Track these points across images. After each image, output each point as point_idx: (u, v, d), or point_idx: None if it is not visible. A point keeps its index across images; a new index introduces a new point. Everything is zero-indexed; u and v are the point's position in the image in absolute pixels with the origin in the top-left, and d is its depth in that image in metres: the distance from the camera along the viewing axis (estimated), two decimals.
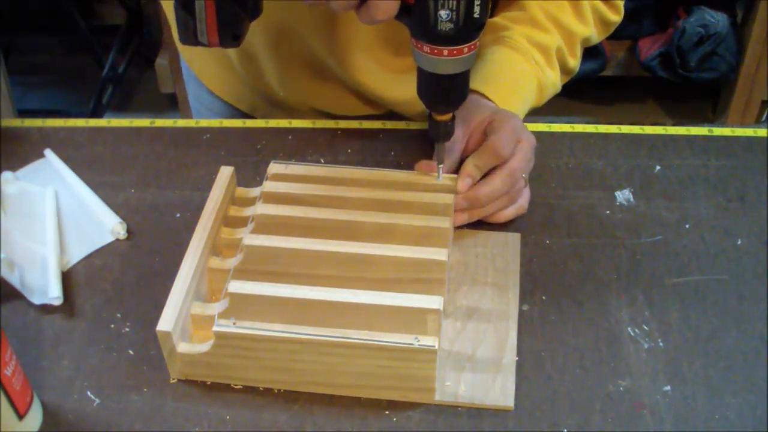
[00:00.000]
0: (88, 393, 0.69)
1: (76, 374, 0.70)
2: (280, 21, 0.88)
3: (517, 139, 0.79)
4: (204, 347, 0.67)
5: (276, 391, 0.69)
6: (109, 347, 0.72)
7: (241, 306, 0.66)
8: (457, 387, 0.68)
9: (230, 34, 0.65)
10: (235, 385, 0.69)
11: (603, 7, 0.93)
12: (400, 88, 0.95)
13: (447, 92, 0.70)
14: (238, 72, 0.98)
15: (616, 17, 0.95)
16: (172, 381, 0.70)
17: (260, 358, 0.67)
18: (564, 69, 0.93)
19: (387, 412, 0.67)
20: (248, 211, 0.77)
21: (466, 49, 0.66)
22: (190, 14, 0.62)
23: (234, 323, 0.66)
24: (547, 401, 0.68)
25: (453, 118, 0.73)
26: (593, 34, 0.94)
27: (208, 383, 0.69)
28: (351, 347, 0.65)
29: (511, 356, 0.70)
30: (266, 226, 0.73)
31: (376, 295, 0.66)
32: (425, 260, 0.69)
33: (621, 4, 0.95)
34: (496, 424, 0.67)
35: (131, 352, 0.72)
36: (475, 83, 0.86)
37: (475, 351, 0.71)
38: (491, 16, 0.94)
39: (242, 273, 0.69)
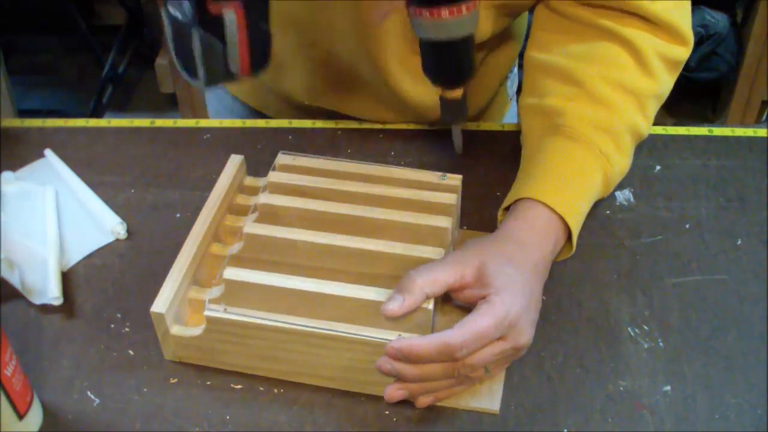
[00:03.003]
0: (88, 393, 0.69)
1: (76, 374, 0.70)
2: (312, 27, 0.86)
3: (498, 334, 0.63)
4: (196, 331, 0.68)
5: (276, 391, 0.69)
6: (109, 347, 0.72)
7: (235, 292, 0.67)
8: None
9: (262, 53, 0.61)
10: (234, 384, 0.69)
11: (666, 46, 0.77)
12: (433, 92, 0.84)
13: (451, 61, 0.69)
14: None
15: (683, 50, 0.78)
16: (166, 358, 0.71)
17: (249, 345, 0.67)
18: (635, 136, 0.79)
19: (387, 412, 0.67)
20: (255, 200, 0.77)
21: (464, 9, 0.66)
22: (218, 38, 0.59)
23: (225, 309, 0.66)
24: (547, 401, 0.68)
25: (464, 96, 0.71)
26: (664, 84, 0.78)
27: (208, 383, 0.69)
28: (336, 340, 0.65)
29: None
30: (268, 215, 0.73)
31: (368, 290, 0.66)
32: (423, 259, 0.68)
33: (687, 30, 0.77)
34: (496, 424, 0.66)
35: (131, 352, 0.72)
36: (524, 186, 0.73)
37: None
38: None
39: (241, 260, 0.69)
